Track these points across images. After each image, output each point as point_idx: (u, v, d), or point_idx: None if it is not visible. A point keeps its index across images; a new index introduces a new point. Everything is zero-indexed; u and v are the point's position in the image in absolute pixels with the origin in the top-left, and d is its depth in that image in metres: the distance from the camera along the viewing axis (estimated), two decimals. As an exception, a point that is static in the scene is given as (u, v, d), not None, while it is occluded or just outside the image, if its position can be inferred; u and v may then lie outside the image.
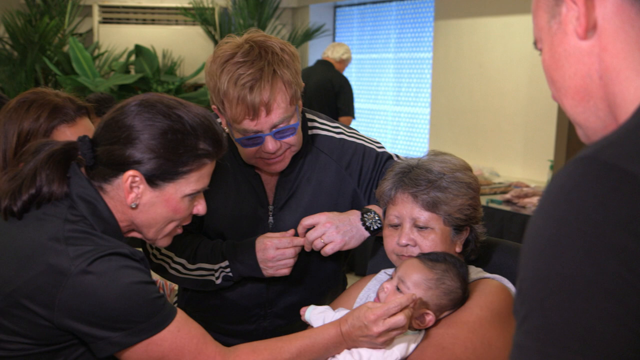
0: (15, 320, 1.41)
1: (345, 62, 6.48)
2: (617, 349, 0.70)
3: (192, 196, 1.53)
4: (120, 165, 1.46)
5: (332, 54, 6.43)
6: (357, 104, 6.81)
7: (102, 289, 1.37)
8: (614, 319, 0.70)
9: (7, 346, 1.42)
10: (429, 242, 1.73)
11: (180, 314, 1.49)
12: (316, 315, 1.72)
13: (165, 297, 1.48)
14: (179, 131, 1.46)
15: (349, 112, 6.39)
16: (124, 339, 1.40)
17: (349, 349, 1.59)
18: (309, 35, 7.52)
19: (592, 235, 0.72)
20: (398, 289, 1.63)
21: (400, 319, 1.51)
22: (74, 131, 1.87)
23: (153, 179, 1.47)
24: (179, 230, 1.61)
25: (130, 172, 1.46)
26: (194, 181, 1.51)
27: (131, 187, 1.47)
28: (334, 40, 8.22)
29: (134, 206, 1.49)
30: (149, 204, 1.50)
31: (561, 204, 0.75)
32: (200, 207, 1.58)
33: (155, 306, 1.43)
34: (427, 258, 1.66)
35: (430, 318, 1.60)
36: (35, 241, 1.42)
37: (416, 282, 1.62)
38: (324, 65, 6.41)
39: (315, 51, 8.10)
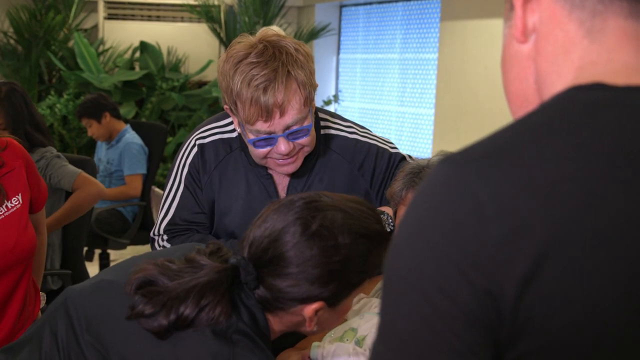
0: None
1: None
2: (427, 347, 0.70)
3: None
4: (299, 301, 1.36)
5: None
6: (362, 104, 6.78)
7: None
8: (427, 321, 0.70)
9: None
10: None
11: None
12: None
13: None
14: (351, 257, 1.35)
15: None
16: None
17: None
18: (314, 34, 7.50)
19: (412, 232, 0.73)
20: None
21: None
22: None
23: (335, 302, 1.39)
24: None
25: (315, 306, 1.35)
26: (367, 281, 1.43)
27: (314, 316, 1.38)
28: (339, 39, 8.21)
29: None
30: (325, 319, 1.42)
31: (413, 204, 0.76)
32: None
33: None
34: None
35: None
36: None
37: None
38: None
39: (321, 50, 8.09)
